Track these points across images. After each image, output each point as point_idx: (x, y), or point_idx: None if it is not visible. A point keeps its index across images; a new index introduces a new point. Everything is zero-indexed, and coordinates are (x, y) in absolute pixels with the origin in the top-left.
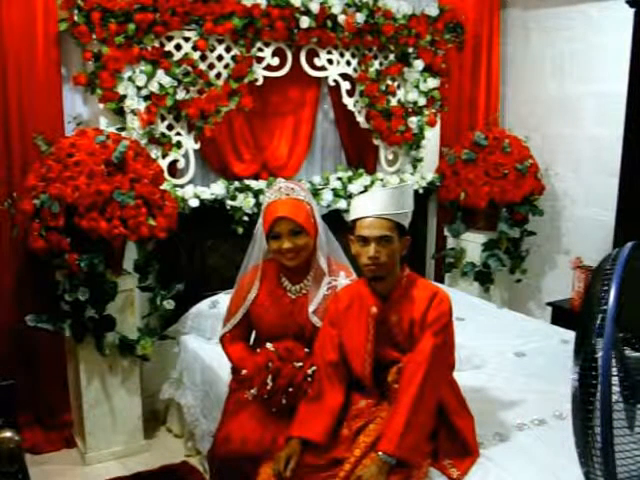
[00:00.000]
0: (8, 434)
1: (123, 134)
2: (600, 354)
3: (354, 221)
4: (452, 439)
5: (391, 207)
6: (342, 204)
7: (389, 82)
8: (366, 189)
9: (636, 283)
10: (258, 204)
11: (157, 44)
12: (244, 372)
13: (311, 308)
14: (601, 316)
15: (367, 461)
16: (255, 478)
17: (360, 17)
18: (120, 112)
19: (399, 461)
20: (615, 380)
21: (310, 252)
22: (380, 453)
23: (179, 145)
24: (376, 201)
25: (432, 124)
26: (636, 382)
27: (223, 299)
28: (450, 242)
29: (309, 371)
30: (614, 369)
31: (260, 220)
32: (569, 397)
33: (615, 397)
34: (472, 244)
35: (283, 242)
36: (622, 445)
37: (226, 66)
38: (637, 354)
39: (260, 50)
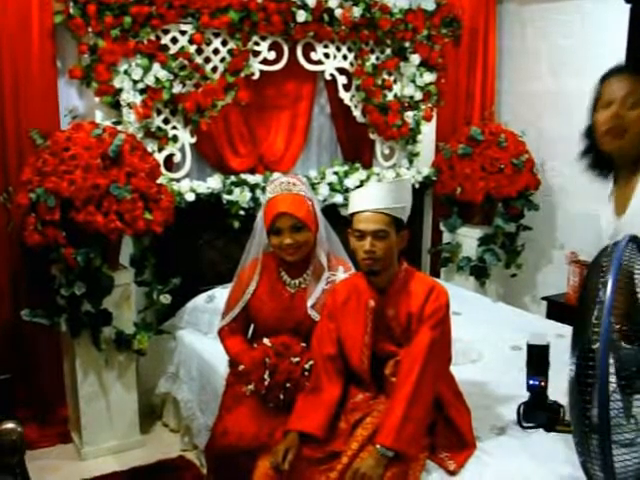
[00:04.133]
0: (11, 425)
1: (119, 128)
2: (597, 345)
3: (352, 215)
4: (449, 432)
5: (388, 201)
6: (338, 198)
7: (385, 76)
8: (362, 183)
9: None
10: (254, 198)
11: (153, 37)
12: (242, 367)
13: (310, 302)
14: (598, 308)
15: (364, 454)
16: (252, 472)
17: (357, 11)
18: (116, 106)
19: (396, 454)
20: (611, 371)
21: (310, 247)
22: (377, 446)
23: (175, 139)
24: (372, 195)
25: (428, 119)
26: (632, 373)
27: (219, 293)
28: (446, 237)
29: (306, 366)
30: (611, 360)
31: (260, 214)
32: (565, 390)
33: (611, 388)
34: (468, 239)
35: (284, 238)
36: (618, 435)
37: (222, 60)
38: (633, 345)
39: (256, 44)
